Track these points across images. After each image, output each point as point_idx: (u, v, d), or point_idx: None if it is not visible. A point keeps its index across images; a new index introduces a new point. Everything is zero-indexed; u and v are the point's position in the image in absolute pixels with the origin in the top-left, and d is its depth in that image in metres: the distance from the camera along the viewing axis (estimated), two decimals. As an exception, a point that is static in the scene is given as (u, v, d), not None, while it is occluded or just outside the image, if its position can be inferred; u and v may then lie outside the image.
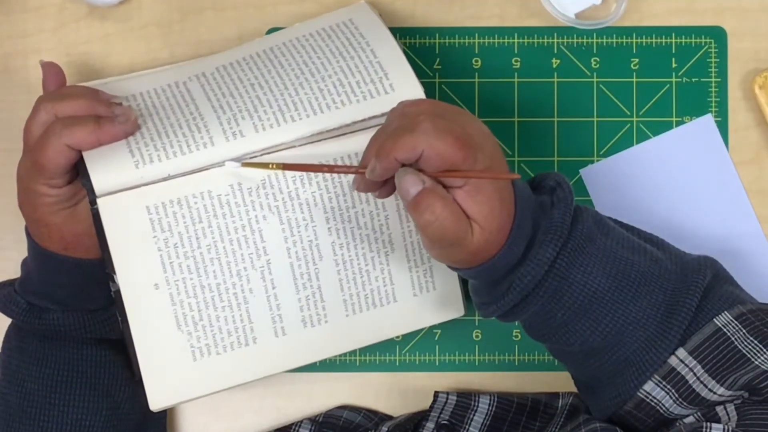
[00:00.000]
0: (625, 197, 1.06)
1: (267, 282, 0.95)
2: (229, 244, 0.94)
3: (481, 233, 0.85)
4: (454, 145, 0.83)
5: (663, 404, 0.89)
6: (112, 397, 1.00)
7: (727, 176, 1.06)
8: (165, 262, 0.94)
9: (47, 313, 0.98)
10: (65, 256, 0.96)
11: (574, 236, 0.88)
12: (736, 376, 0.88)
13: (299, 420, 1.06)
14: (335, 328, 0.97)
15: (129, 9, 1.07)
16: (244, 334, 0.95)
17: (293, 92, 0.95)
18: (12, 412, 0.99)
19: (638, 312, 0.88)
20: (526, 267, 0.87)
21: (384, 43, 0.97)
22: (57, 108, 0.93)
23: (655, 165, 1.06)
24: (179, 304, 0.94)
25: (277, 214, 0.95)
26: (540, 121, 1.06)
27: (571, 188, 0.89)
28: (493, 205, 0.85)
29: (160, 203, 0.93)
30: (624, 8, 1.05)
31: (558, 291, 0.88)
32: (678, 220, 1.05)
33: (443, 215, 0.84)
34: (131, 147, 0.93)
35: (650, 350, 0.88)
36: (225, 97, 0.96)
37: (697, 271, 0.90)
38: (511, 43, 1.07)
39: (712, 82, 1.06)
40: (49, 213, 0.94)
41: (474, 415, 1.02)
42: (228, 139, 0.94)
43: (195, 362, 0.95)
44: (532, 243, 0.88)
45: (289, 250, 0.95)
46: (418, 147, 0.83)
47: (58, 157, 0.92)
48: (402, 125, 0.85)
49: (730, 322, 0.88)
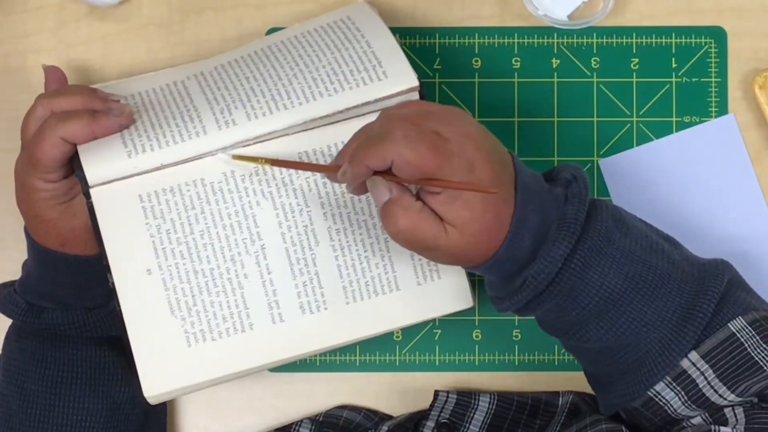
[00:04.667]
0: (642, 190, 1.06)
1: (262, 267, 0.95)
2: (222, 229, 0.94)
3: (460, 236, 0.85)
4: (425, 154, 0.83)
5: (671, 405, 0.89)
6: (112, 398, 1.00)
7: (745, 176, 1.06)
8: (157, 248, 0.94)
9: (46, 312, 0.98)
10: (63, 253, 0.96)
11: (591, 235, 0.87)
12: (748, 384, 0.88)
13: (299, 420, 1.06)
14: (336, 316, 0.96)
15: (129, 9, 1.07)
16: (240, 320, 0.95)
17: (286, 82, 0.96)
18: (12, 413, 0.99)
19: (654, 314, 0.88)
20: (539, 264, 0.87)
21: (379, 34, 0.98)
22: (53, 103, 0.94)
23: (674, 161, 1.06)
24: (172, 289, 0.94)
25: (271, 200, 0.95)
26: (540, 121, 1.06)
27: (587, 182, 0.89)
28: (473, 210, 0.84)
29: (152, 192, 0.94)
30: (612, 5, 1.05)
31: (574, 290, 0.87)
32: (693, 216, 1.05)
33: (405, 227, 0.84)
34: (124, 138, 0.94)
35: (664, 353, 0.88)
36: (219, 90, 0.96)
37: (714, 276, 0.89)
38: (511, 43, 1.07)
39: (712, 82, 1.06)
40: (46, 208, 0.95)
41: (474, 414, 1.02)
42: (221, 127, 0.94)
43: (190, 348, 0.94)
44: (544, 239, 0.87)
45: (284, 236, 0.95)
46: (388, 156, 0.83)
47: (53, 150, 0.92)
48: (376, 133, 0.85)
49: (744, 327, 0.88)
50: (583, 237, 0.87)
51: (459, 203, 0.84)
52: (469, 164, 0.84)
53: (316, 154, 0.95)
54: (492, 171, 0.85)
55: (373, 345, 1.06)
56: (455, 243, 0.85)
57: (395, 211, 0.85)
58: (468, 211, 0.84)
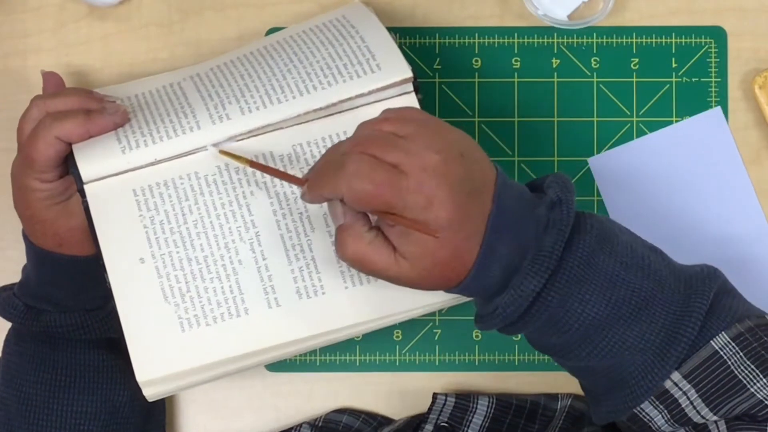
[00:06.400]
0: (632, 187, 1.06)
1: (257, 254, 0.95)
2: (216, 218, 0.94)
3: (411, 269, 0.84)
4: (373, 192, 0.81)
5: (655, 422, 0.88)
6: (110, 401, 1.00)
7: (734, 168, 1.06)
8: (150, 238, 0.94)
9: (45, 314, 0.98)
10: (60, 253, 0.96)
11: (570, 264, 0.84)
12: (731, 405, 0.86)
13: (299, 423, 1.05)
14: (334, 300, 0.95)
15: (129, 9, 1.07)
16: (235, 305, 0.94)
17: (281, 77, 0.96)
18: (11, 416, 0.99)
19: (637, 337, 0.86)
20: (508, 295, 0.85)
21: (373, 29, 0.98)
22: (48, 104, 0.94)
23: (663, 156, 1.06)
24: (165, 276, 0.94)
25: (265, 189, 0.95)
26: (540, 121, 1.06)
27: (572, 206, 0.86)
28: (425, 246, 0.83)
29: (146, 186, 0.94)
30: (611, 5, 1.05)
31: (552, 318, 0.86)
32: (684, 212, 1.05)
33: (353, 255, 0.84)
34: (118, 135, 0.94)
35: (647, 376, 0.86)
36: (214, 88, 0.97)
37: (701, 293, 0.87)
38: (511, 43, 1.07)
39: (712, 82, 1.06)
40: (42, 208, 0.95)
41: (473, 417, 1.02)
42: (214, 122, 0.94)
43: (183, 333, 0.93)
44: (519, 266, 0.85)
45: (279, 223, 0.95)
46: (338, 189, 0.82)
47: (48, 149, 0.92)
48: (335, 159, 0.84)
49: (727, 344, 0.86)
50: (561, 267, 0.84)
51: (412, 238, 0.83)
52: (427, 201, 0.82)
53: (310, 146, 0.95)
54: (453, 208, 0.82)
55: (373, 345, 1.06)
56: (406, 274, 0.84)
57: (345, 238, 0.85)
58: (419, 247, 0.83)
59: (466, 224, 0.83)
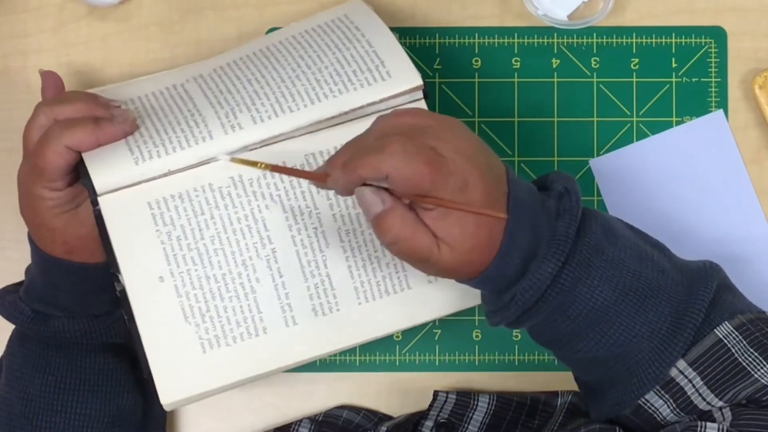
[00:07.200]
0: (634, 190, 1.06)
1: (273, 271, 0.95)
2: (233, 234, 0.94)
3: (451, 253, 0.84)
4: (422, 171, 0.82)
5: (660, 412, 0.88)
6: (114, 405, 1.00)
7: (736, 172, 1.06)
8: (168, 255, 0.93)
9: (52, 320, 0.98)
10: (69, 261, 0.95)
11: (580, 249, 0.86)
12: (736, 390, 0.87)
13: (299, 419, 1.06)
14: (349, 317, 0.95)
15: (129, 9, 1.07)
16: (254, 324, 0.95)
17: (290, 84, 0.96)
18: (13, 417, 0.99)
19: (644, 325, 0.88)
20: (527, 281, 0.86)
21: (379, 33, 0.98)
22: (56, 111, 0.93)
23: (665, 159, 1.06)
24: (185, 295, 0.94)
25: (279, 203, 0.95)
26: (540, 121, 1.06)
27: (579, 195, 0.88)
28: (465, 227, 0.84)
29: (161, 198, 0.93)
30: (611, 5, 1.05)
31: (563, 304, 0.87)
32: (685, 214, 1.05)
33: (404, 237, 0.84)
34: (130, 145, 0.93)
35: (654, 363, 0.88)
36: (222, 94, 0.96)
37: (704, 284, 0.89)
38: (511, 43, 1.07)
39: (712, 82, 1.06)
40: (51, 217, 0.94)
41: (473, 414, 1.02)
42: (227, 132, 0.94)
43: (205, 354, 0.94)
44: (535, 254, 0.86)
45: (294, 238, 0.95)
46: (383, 170, 0.82)
47: (58, 159, 0.91)
48: (372, 144, 0.84)
49: (730, 332, 0.87)
50: (573, 252, 0.86)
51: (451, 220, 0.83)
52: (463, 182, 0.83)
53: (323, 156, 0.95)
54: (484, 189, 0.84)
55: (374, 345, 1.06)
56: (446, 259, 0.84)
57: (392, 221, 0.84)
58: (460, 228, 0.84)
59: (495, 207, 0.84)
